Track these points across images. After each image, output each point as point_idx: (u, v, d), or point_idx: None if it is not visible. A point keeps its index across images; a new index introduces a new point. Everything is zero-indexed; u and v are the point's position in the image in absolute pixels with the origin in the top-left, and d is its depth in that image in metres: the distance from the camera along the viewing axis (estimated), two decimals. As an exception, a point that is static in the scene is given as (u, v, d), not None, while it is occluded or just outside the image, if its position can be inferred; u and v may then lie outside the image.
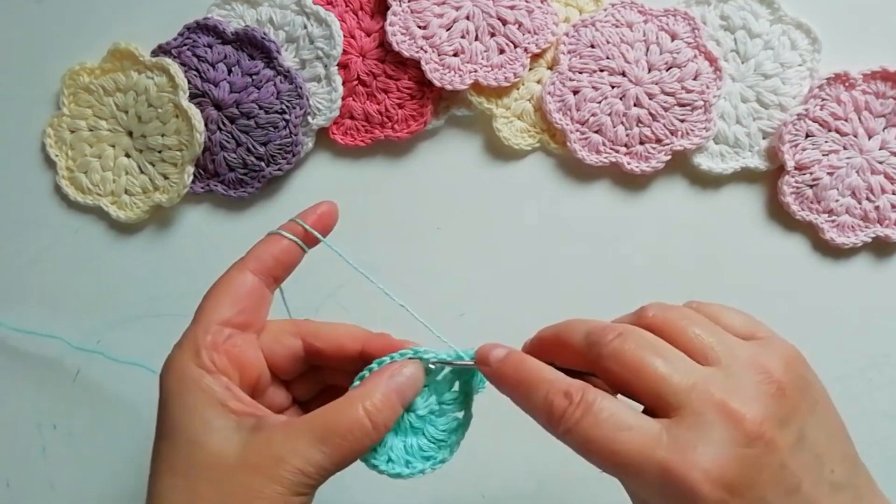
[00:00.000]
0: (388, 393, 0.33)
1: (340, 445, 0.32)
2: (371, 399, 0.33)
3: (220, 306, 0.35)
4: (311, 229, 0.37)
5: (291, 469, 0.31)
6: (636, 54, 0.54)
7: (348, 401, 0.33)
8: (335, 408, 0.33)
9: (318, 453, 0.31)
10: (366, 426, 0.32)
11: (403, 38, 0.54)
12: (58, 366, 0.56)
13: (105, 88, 0.56)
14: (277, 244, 0.37)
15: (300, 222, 0.37)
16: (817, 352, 0.54)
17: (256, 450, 0.31)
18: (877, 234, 0.53)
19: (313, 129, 0.55)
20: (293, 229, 0.37)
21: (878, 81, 0.53)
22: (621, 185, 0.55)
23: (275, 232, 0.38)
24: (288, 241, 0.37)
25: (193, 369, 0.34)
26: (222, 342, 0.34)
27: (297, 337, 0.37)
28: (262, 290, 0.37)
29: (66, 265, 0.57)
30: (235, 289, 0.36)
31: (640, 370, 0.30)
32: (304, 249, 0.38)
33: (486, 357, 0.34)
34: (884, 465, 0.53)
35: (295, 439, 0.31)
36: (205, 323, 0.35)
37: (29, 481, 0.55)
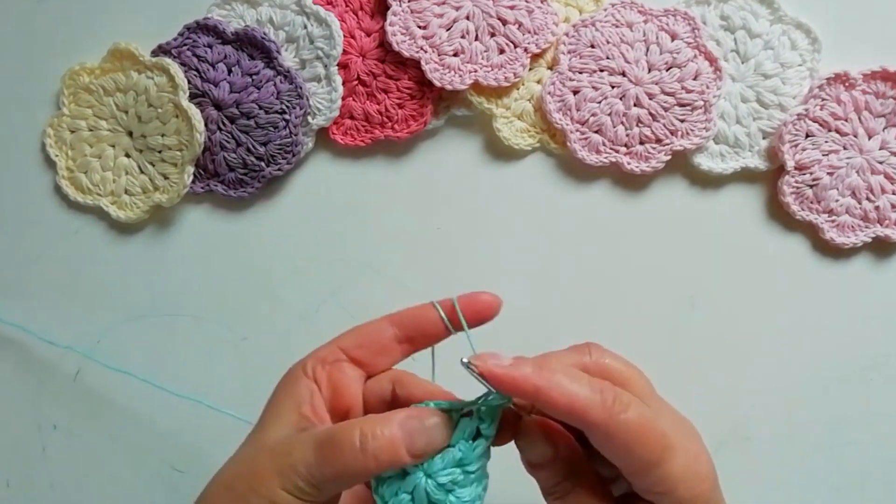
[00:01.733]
0: (392, 427, 0.32)
1: (333, 457, 0.31)
2: (371, 425, 0.32)
3: (347, 337, 0.37)
4: (461, 317, 0.36)
5: (290, 463, 0.32)
6: (636, 54, 0.54)
7: (357, 420, 0.33)
8: (342, 424, 0.33)
9: (312, 458, 0.32)
10: (354, 446, 0.31)
11: (403, 38, 0.54)
12: (58, 366, 0.56)
13: (105, 88, 0.56)
14: (425, 312, 0.37)
15: (457, 306, 0.37)
16: (817, 352, 0.54)
17: (283, 441, 0.33)
18: (877, 234, 0.53)
19: (313, 129, 0.55)
20: (446, 307, 0.37)
21: (878, 81, 0.53)
22: (621, 185, 0.55)
23: (433, 302, 0.37)
24: (436, 315, 0.37)
25: (297, 370, 0.36)
26: (331, 360, 0.36)
27: (391, 383, 0.37)
28: (388, 340, 0.37)
29: (66, 265, 0.57)
30: (367, 329, 0.37)
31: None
32: (450, 330, 0.37)
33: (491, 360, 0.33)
34: (884, 465, 0.53)
35: (306, 437, 0.33)
36: (329, 345, 0.37)
37: (29, 481, 0.55)
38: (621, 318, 0.54)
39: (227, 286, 0.56)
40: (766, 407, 0.53)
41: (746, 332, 0.54)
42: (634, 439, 0.31)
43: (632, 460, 0.32)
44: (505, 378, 0.31)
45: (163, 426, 0.55)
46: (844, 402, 0.54)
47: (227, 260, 0.56)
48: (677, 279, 0.54)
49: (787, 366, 0.54)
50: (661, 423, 0.32)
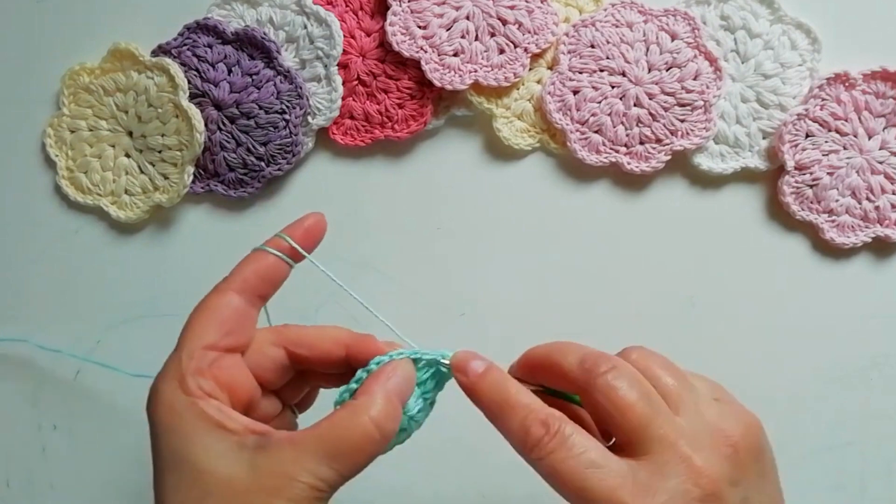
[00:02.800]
0: (389, 397, 0.33)
1: (352, 460, 0.31)
2: (375, 408, 0.32)
3: (203, 331, 0.34)
4: (296, 245, 0.36)
5: (305, 487, 0.30)
6: (636, 54, 0.54)
7: (353, 413, 0.32)
8: (341, 422, 0.32)
9: (329, 470, 0.31)
10: (375, 437, 0.32)
11: (403, 38, 0.54)
12: (58, 366, 0.56)
13: (105, 88, 0.56)
14: (262, 261, 0.36)
15: (285, 238, 0.36)
16: (817, 352, 0.54)
17: (266, 470, 0.31)
18: (877, 234, 0.53)
19: (313, 128, 0.55)
20: (279, 245, 0.36)
21: (878, 81, 0.53)
22: (621, 185, 0.55)
23: (259, 248, 0.36)
24: (274, 258, 0.36)
25: (182, 398, 0.32)
26: (207, 367, 0.33)
27: (280, 346, 0.36)
28: (247, 311, 0.35)
29: (66, 265, 0.57)
30: (219, 312, 0.35)
31: (626, 409, 0.31)
32: (290, 265, 0.36)
33: (465, 367, 0.34)
34: (884, 465, 0.53)
35: (304, 457, 0.31)
36: (188, 349, 0.34)
37: (29, 481, 0.55)
38: (621, 317, 0.54)
39: (227, 286, 0.56)
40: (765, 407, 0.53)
41: (746, 332, 0.54)
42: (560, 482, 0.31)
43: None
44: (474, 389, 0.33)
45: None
46: (844, 402, 0.54)
47: (228, 260, 0.55)
48: (677, 279, 0.54)
49: (787, 365, 0.54)
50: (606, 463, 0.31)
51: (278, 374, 0.37)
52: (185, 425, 0.32)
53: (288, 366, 0.37)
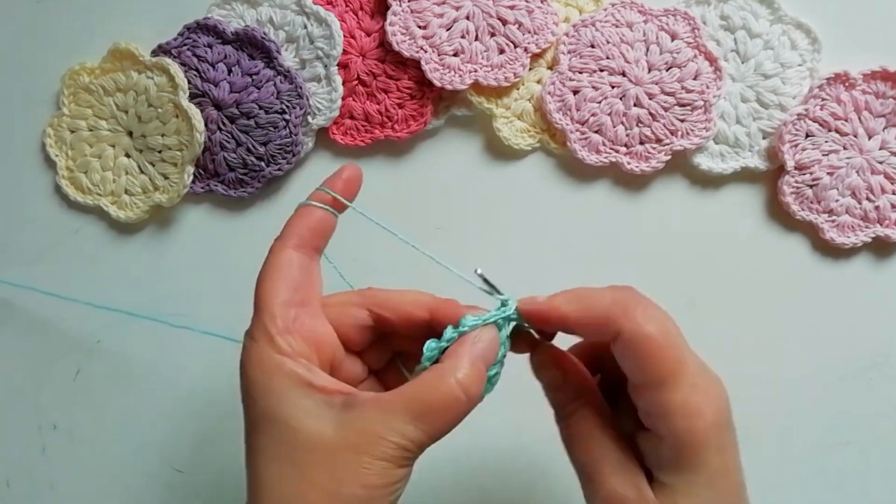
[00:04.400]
0: (475, 362, 0.34)
1: (438, 420, 0.32)
2: (462, 370, 0.33)
3: (276, 289, 0.35)
4: (338, 197, 0.37)
5: (392, 445, 0.31)
6: (636, 54, 0.54)
7: (440, 375, 0.33)
8: (428, 383, 0.33)
9: (415, 430, 0.32)
10: (461, 399, 0.33)
11: (403, 37, 0.54)
12: (58, 366, 0.56)
13: (105, 88, 0.56)
14: (312, 215, 0.37)
15: (327, 191, 0.37)
16: (817, 351, 0.54)
17: (355, 428, 0.32)
18: (877, 234, 0.53)
19: (313, 128, 0.55)
20: (322, 198, 0.37)
21: (878, 81, 0.53)
22: (621, 185, 0.55)
23: (305, 203, 0.37)
24: (321, 211, 0.37)
25: (274, 356, 0.33)
26: (292, 324, 0.34)
27: (364, 308, 0.37)
28: (308, 264, 0.37)
29: (66, 265, 0.57)
30: (285, 269, 0.36)
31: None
32: (335, 216, 0.38)
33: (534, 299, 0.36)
34: (884, 465, 0.53)
35: (392, 417, 0.32)
36: (270, 309, 0.34)
37: (29, 481, 0.55)
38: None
39: (228, 286, 0.56)
40: (765, 406, 0.53)
41: (746, 331, 0.54)
42: (650, 351, 0.33)
43: (644, 373, 0.33)
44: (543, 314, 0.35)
45: (163, 426, 0.55)
46: (844, 401, 0.54)
47: (228, 260, 0.56)
48: (677, 279, 0.54)
49: (787, 365, 0.54)
50: (683, 351, 0.33)
51: (361, 335, 0.37)
52: (276, 384, 0.33)
53: (371, 327, 0.37)
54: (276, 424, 0.32)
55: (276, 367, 0.33)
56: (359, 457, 0.31)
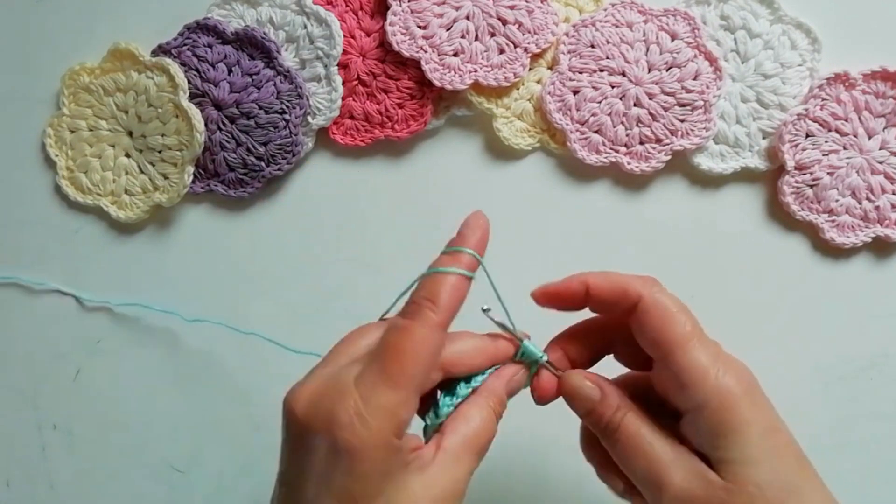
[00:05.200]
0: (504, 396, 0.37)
1: (485, 450, 0.35)
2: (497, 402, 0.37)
3: (423, 373, 0.33)
4: (480, 259, 0.37)
5: (461, 486, 0.34)
6: (636, 54, 0.54)
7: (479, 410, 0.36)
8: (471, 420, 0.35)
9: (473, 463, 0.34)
10: (496, 426, 0.36)
11: (403, 38, 0.54)
12: (58, 366, 0.56)
13: (105, 88, 0.56)
14: (461, 289, 0.35)
15: (475, 255, 0.36)
16: (817, 351, 0.54)
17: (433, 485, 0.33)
18: (877, 234, 0.53)
19: (313, 128, 0.55)
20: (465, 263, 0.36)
21: (878, 81, 0.53)
22: (621, 185, 0.55)
23: (445, 271, 0.35)
24: (463, 280, 0.35)
25: (396, 443, 0.32)
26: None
27: (440, 370, 0.36)
28: None
29: (66, 265, 0.57)
30: (436, 353, 0.34)
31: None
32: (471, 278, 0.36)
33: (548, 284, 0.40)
34: (884, 465, 0.53)
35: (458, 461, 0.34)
36: (408, 395, 0.32)
37: (29, 481, 0.55)
38: (621, 317, 0.54)
39: (227, 286, 0.56)
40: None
41: (746, 331, 0.54)
42: (671, 313, 0.35)
43: (666, 334, 0.35)
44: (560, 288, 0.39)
45: (162, 426, 0.55)
46: (844, 401, 0.54)
47: (228, 260, 0.56)
48: (677, 279, 0.54)
49: (787, 365, 0.54)
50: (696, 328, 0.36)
51: (428, 393, 0.37)
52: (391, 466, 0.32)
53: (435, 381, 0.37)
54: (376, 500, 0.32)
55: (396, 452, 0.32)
56: None
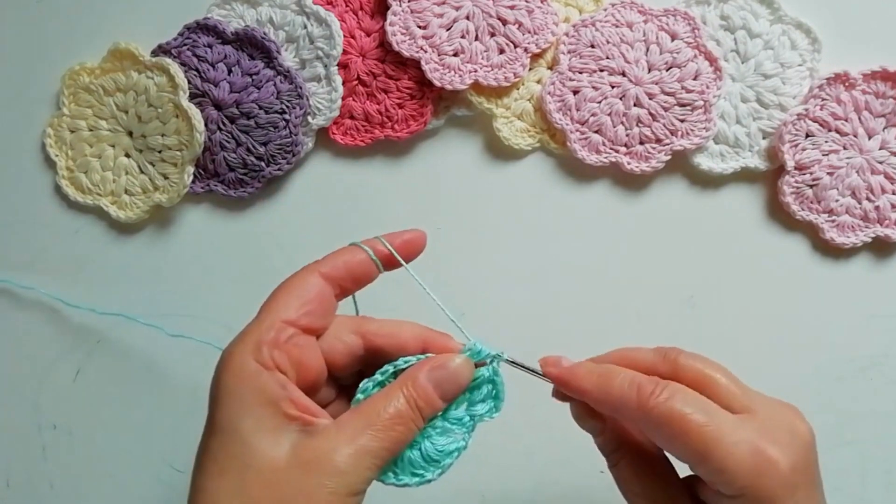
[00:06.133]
0: (426, 385, 0.34)
1: (389, 432, 0.32)
2: (415, 387, 0.34)
3: (286, 305, 0.34)
4: (392, 250, 0.36)
5: (346, 460, 0.31)
6: (636, 54, 0.54)
7: (391, 390, 0.34)
8: (380, 398, 0.33)
9: (369, 440, 0.32)
10: (410, 413, 0.33)
11: (403, 38, 0.54)
12: (58, 366, 0.56)
13: (105, 88, 0.56)
14: (354, 256, 0.36)
15: (384, 242, 0.36)
16: (817, 352, 0.54)
17: (308, 449, 0.31)
18: (877, 234, 0.53)
19: (313, 128, 0.55)
20: (374, 246, 0.36)
21: (878, 81, 0.53)
22: (621, 185, 0.55)
23: (355, 244, 0.37)
24: (365, 256, 0.36)
25: (252, 364, 0.33)
26: (284, 340, 0.34)
27: (358, 335, 0.37)
28: (329, 297, 0.36)
29: (66, 265, 0.57)
30: (304, 290, 0.35)
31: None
32: (379, 269, 0.37)
33: (557, 361, 0.36)
34: (883, 464, 0.53)
35: (345, 431, 0.32)
36: (269, 320, 0.34)
37: (29, 481, 0.56)
38: (621, 317, 0.54)
39: (227, 286, 0.56)
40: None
41: (746, 331, 0.54)
42: (673, 431, 0.32)
43: (679, 451, 0.33)
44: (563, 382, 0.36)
45: (162, 426, 0.55)
46: (844, 401, 0.54)
47: (227, 259, 0.56)
48: (677, 279, 0.54)
49: (787, 365, 0.54)
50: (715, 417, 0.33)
51: (349, 361, 0.37)
52: (245, 394, 0.32)
53: (360, 355, 0.37)
54: (233, 435, 0.32)
55: (250, 376, 0.32)
56: (307, 478, 0.31)
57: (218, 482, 0.31)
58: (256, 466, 0.31)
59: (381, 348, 0.37)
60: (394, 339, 0.37)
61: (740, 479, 0.32)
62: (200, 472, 0.32)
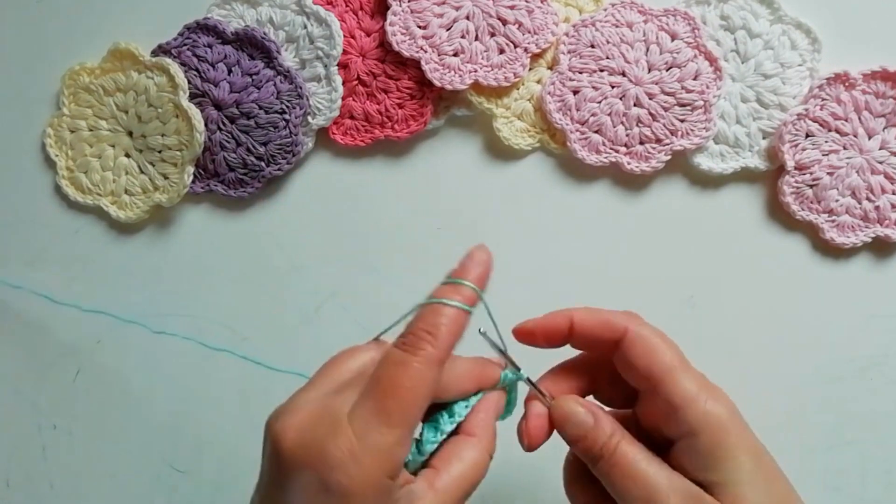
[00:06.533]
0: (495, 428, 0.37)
1: (476, 487, 0.35)
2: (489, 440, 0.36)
3: (420, 410, 0.32)
4: (482, 296, 0.35)
5: None
6: (636, 54, 0.54)
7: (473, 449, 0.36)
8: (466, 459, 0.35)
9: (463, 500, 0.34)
10: (488, 464, 0.36)
11: (403, 37, 0.54)
12: (58, 366, 0.56)
13: (105, 88, 0.56)
14: (456, 320, 0.33)
15: (475, 289, 0.34)
16: (817, 351, 0.54)
17: None
18: (877, 234, 0.53)
19: (313, 128, 0.55)
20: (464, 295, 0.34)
21: (878, 81, 0.53)
22: (621, 185, 0.56)
23: (446, 304, 0.33)
24: (462, 315, 0.33)
25: (388, 483, 0.31)
26: None
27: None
28: None
29: (66, 265, 0.57)
30: (432, 390, 0.32)
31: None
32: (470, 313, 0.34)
33: None
34: (883, 465, 0.53)
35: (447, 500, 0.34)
36: (404, 434, 0.32)
37: (29, 481, 0.56)
38: (621, 317, 0.54)
39: (227, 286, 0.56)
40: (764, 406, 0.53)
41: (746, 331, 0.54)
42: (657, 344, 0.36)
43: (654, 363, 0.36)
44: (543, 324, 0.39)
45: (163, 426, 0.55)
46: (844, 401, 0.54)
47: (227, 260, 0.56)
48: (677, 279, 0.55)
49: (787, 365, 0.54)
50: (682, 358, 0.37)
51: None
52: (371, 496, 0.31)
53: None
54: None
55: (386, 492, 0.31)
56: None
57: None
58: None
59: (444, 402, 0.37)
60: (455, 392, 0.37)
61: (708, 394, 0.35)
62: None
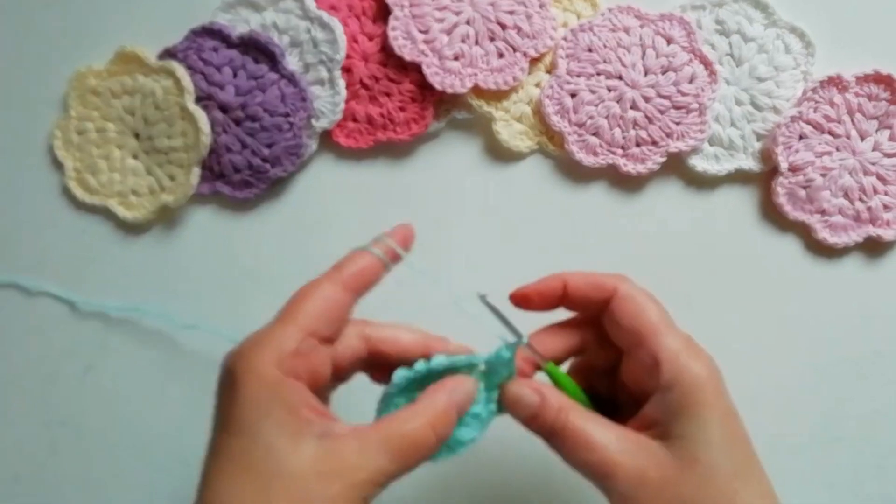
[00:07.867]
0: (449, 409, 0.35)
1: (409, 458, 0.34)
2: (436, 413, 0.35)
3: (307, 314, 0.35)
4: (396, 247, 0.38)
5: (364, 477, 0.32)
6: (633, 58, 0.54)
7: (415, 414, 0.35)
8: (406, 420, 0.34)
9: (388, 463, 0.33)
10: (430, 440, 0.34)
11: (405, 42, 0.54)
12: (67, 363, 0.56)
13: (112, 91, 0.57)
14: (366, 260, 0.37)
15: (389, 241, 0.38)
16: (810, 350, 0.54)
17: (330, 458, 0.32)
18: (869, 235, 0.54)
19: (317, 131, 0.56)
20: (378, 247, 0.38)
21: (870, 84, 0.54)
22: (618, 187, 0.56)
23: (363, 249, 0.38)
24: (375, 260, 0.37)
25: (274, 373, 0.33)
26: (307, 353, 0.34)
27: (363, 340, 0.38)
28: (348, 306, 0.37)
29: (73, 265, 0.57)
30: (332, 304, 0.36)
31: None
32: (387, 267, 0.38)
33: None
34: (877, 462, 0.54)
35: (367, 449, 0.33)
36: (291, 329, 0.34)
37: (37, 477, 0.56)
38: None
39: (233, 285, 0.56)
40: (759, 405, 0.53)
41: (740, 331, 0.54)
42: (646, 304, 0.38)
43: (641, 321, 0.37)
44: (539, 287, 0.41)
45: (172, 423, 0.55)
46: (838, 400, 0.54)
47: (233, 259, 0.57)
48: (672, 279, 0.55)
49: (781, 365, 0.54)
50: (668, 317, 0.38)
51: (353, 366, 0.38)
52: (267, 400, 0.32)
53: (364, 359, 0.38)
54: (255, 439, 0.32)
55: (273, 384, 0.33)
56: (328, 487, 0.31)
57: (238, 486, 0.32)
58: (279, 472, 0.31)
59: (385, 353, 0.38)
60: (397, 345, 0.38)
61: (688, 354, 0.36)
62: (216, 472, 0.33)
